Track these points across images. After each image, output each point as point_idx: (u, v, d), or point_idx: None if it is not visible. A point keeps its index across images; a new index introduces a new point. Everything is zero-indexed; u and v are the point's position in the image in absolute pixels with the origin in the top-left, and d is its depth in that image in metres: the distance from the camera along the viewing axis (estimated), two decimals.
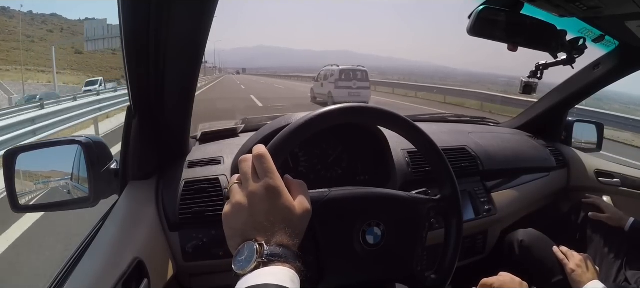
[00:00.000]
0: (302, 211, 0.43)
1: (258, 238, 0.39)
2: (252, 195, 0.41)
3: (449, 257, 0.64)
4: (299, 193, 0.44)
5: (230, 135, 1.05)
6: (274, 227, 0.40)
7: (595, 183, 1.34)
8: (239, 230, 0.41)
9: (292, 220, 0.41)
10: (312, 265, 0.55)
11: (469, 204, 1.05)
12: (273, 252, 0.37)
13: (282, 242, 0.39)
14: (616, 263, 1.07)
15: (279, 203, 0.41)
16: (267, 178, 0.42)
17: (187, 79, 0.71)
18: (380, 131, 0.93)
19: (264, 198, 0.41)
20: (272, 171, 0.42)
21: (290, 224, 0.41)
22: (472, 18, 0.80)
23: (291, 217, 0.42)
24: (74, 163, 0.78)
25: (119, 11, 0.57)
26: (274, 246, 0.38)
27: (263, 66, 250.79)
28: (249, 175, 0.43)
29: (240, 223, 0.41)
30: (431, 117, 1.59)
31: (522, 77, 1.13)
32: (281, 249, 0.38)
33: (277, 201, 0.41)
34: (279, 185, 0.42)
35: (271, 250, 0.37)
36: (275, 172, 0.43)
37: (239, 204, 0.41)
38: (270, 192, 0.41)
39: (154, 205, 0.79)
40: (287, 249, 0.39)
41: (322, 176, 0.93)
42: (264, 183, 0.41)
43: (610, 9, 0.77)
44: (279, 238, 0.39)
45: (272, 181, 0.42)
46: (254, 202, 0.41)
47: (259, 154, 0.43)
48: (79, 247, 0.68)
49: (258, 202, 0.41)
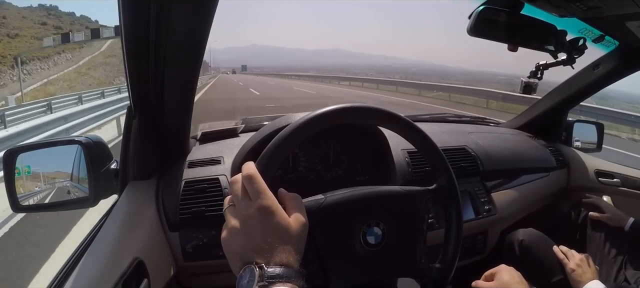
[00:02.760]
0: (298, 226, 0.42)
1: (258, 260, 0.38)
2: (246, 218, 0.41)
3: (451, 246, 0.64)
4: (293, 208, 0.44)
5: (230, 135, 1.05)
6: (273, 247, 0.39)
7: (595, 184, 1.34)
8: (238, 254, 0.40)
9: (289, 237, 0.41)
10: (317, 273, 0.55)
11: (469, 204, 1.05)
12: (274, 274, 0.37)
13: (282, 261, 0.38)
14: (616, 263, 1.07)
15: (274, 223, 0.40)
16: (259, 200, 0.41)
17: (187, 78, 0.71)
18: (380, 131, 0.93)
19: (258, 220, 0.40)
20: (263, 191, 0.41)
21: (289, 241, 0.40)
22: (473, 18, 0.80)
23: (288, 234, 0.41)
24: (73, 163, 0.78)
25: (119, 11, 0.57)
26: (274, 267, 0.38)
27: (257, 65, 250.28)
28: (240, 197, 0.42)
29: (239, 247, 0.40)
30: (431, 117, 1.59)
31: (522, 77, 1.13)
32: (282, 269, 0.38)
33: (271, 220, 0.40)
34: (271, 204, 0.41)
35: (271, 272, 0.37)
36: (266, 191, 0.42)
37: (234, 228, 0.41)
38: (263, 213, 0.40)
39: (154, 205, 0.79)
40: (288, 268, 0.38)
41: (322, 176, 0.93)
42: (256, 205, 0.41)
43: (610, 9, 0.77)
44: (278, 258, 0.38)
45: (264, 201, 0.41)
46: (249, 225, 0.40)
47: (248, 174, 0.42)
48: (79, 247, 0.68)
49: (253, 225, 0.40)
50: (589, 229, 1.17)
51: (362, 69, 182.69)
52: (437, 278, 0.63)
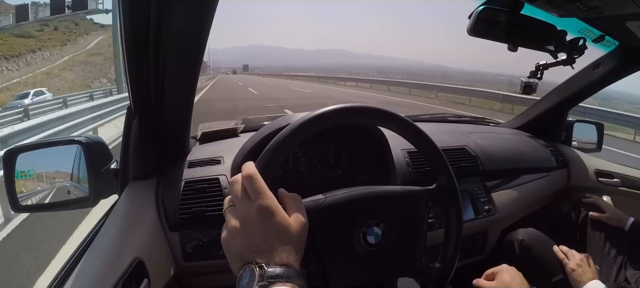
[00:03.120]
0: (298, 226, 0.42)
1: (258, 260, 0.38)
2: (246, 218, 0.41)
3: (451, 245, 0.64)
4: (293, 208, 0.44)
5: (230, 135, 1.05)
6: (273, 247, 0.39)
7: (596, 183, 1.34)
8: (238, 254, 0.40)
9: (290, 237, 0.41)
10: (317, 273, 0.55)
11: (469, 204, 1.05)
12: (274, 273, 0.37)
13: (282, 261, 0.38)
14: (616, 263, 1.07)
15: (274, 223, 0.40)
16: (259, 200, 0.41)
17: (187, 78, 0.71)
18: (380, 131, 0.93)
19: (258, 220, 0.40)
20: (263, 191, 0.42)
21: (289, 241, 0.40)
22: (472, 18, 0.80)
23: (288, 234, 0.41)
24: (73, 163, 0.78)
25: (119, 11, 0.57)
26: (274, 267, 0.38)
27: (257, 66, 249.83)
28: (240, 198, 0.42)
29: (239, 247, 0.40)
30: (431, 117, 1.59)
31: (522, 77, 1.13)
32: (282, 269, 0.38)
33: (271, 220, 0.40)
34: (271, 204, 0.41)
35: (272, 272, 0.37)
36: (266, 191, 0.42)
37: (234, 229, 0.41)
38: (263, 213, 0.40)
39: (153, 205, 0.79)
40: (288, 268, 0.38)
41: (322, 176, 0.93)
42: (256, 205, 0.41)
43: (610, 9, 0.77)
44: (278, 258, 0.39)
45: (264, 201, 0.41)
46: (249, 225, 0.40)
47: (248, 174, 0.42)
48: (79, 247, 0.68)
49: (253, 225, 0.40)
50: (589, 229, 1.17)
51: (363, 69, 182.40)
52: (437, 278, 0.63)
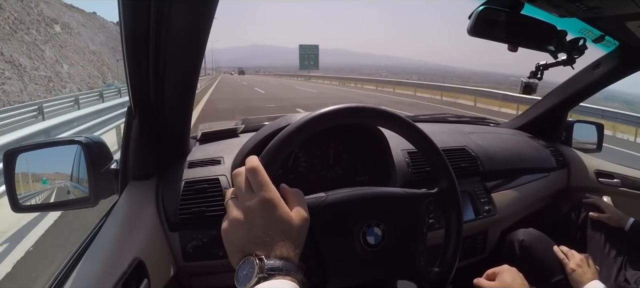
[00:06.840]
0: (299, 221, 0.43)
1: (258, 252, 0.39)
2: (248, 210, 0.41)
3: (450, 250, 0.64)
4: (295, 203, 0.44)
5: (230, 135, 1.05)
6: (273, 240, 0.39)
7: (595, 184, 1.34)
8: (239, 246, 0.40)
9: (290, 231, 0.41)
10: (316, 270, 0.55)
11: (469, 204, 1.05)
12: (273, 266, 0.37)
13: (282, 255, 0.39)
14: (616, 263, 1.07)
15: (275, 216, 0.41)
16: (262, 192, 0.41)
17: (187, 78, 0.71)
18: (380, 131, 0.93)
19: (260, 212, 0.41)
20: (266, 184, 0.42)
21: (289, 235, 0.41)
22: (472, 18, 0.80)
23: (289, 228, 0.41)
24: (73, 163, 0.78)
25: (119, 11, 0.57)
26: (274, 259, 0.38)
27: (257, 66, 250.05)
28: (243, 189, 0.42)
29: (239, 239, 0.40)
30: (431, 117, 1.59)
31: (522, 77, 1.13)
32: (281, 262, 0.38)
33: (273, 214, 0.41)
34: (274, 197, 0.42)
35: (271, 264, 0.37)
36: (269, 184, 0.42)
37: (236, 220, 0.41)
38: (265, 206, 0.41)
39: (154, 205, 0.79)
40: (287, 261, 0.38)
41: (322, 176, 0.93)
42: (259, 197, 0.41)
43: (610, 9, 0.77)
44: (278, 251, 0.39)
45: (267, 194, 0.41)
46: (251, 217, 0.41)
47: (252, 167, 0.43)
48: (79, 247, 0.68)
49: (255, 217, 0.40)
50: (589, 229, 1.17)
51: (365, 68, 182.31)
52: (435, 282, 0.63)
